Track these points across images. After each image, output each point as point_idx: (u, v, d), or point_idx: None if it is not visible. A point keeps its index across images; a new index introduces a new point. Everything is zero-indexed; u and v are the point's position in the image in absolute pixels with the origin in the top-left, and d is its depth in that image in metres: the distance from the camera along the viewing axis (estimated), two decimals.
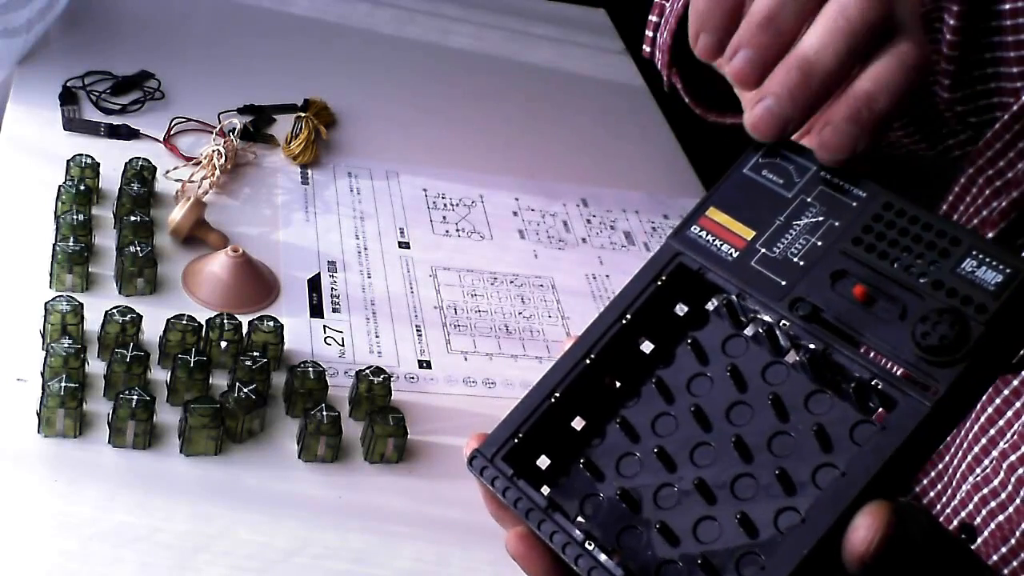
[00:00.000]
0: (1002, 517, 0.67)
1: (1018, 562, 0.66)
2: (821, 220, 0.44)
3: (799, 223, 0.45)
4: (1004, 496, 0.68)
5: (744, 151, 0.47)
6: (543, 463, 0.46)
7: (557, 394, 0.45)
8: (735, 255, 0.45)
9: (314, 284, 0.85)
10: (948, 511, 0.72)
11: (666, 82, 0.79)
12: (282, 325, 0.76)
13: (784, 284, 0.44)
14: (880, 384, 0.41)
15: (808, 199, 0.45)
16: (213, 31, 1.12)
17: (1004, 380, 0.70)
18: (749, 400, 0.44)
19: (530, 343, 0.85)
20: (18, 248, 0.80)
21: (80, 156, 0.86)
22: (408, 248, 0.91)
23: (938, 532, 0.43)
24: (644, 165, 1.10)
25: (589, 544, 0.42)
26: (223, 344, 0.74)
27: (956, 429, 0.74)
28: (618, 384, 0.46)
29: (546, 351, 0.84)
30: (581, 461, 0.44)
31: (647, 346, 0.46)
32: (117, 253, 0.80)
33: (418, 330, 0.83)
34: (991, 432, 0.69)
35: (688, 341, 0.45)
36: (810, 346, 0.43)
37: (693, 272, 0.46)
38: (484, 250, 0.93)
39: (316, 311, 0.82)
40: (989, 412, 0.70)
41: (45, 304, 0.72)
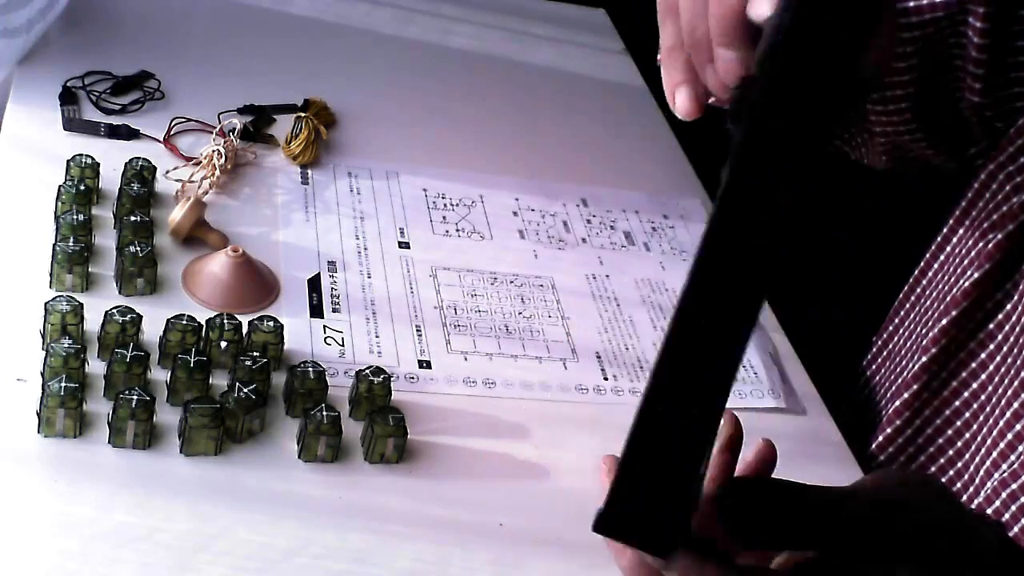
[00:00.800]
0: None
1: None
2: None
3: None
4: None
5: None
6: None
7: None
8: None
9: (314, 284, 0.85)
10: (972, 507, 0.71)
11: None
12: (282, 325, 0.76)
13: None
14: None
15: None
16: (213, 31, 1.12)
17: None
18: None
19: (530, 343, 0.85)
20: (18, 248, 0.80)
21: (80, 156, 0.86)
22: (408, 248, 0.91)
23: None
24: (644, 165, 1.10)
25: None
26: (223, 344, 0.74)
27: (978, 427, 0.74)
28: None
29: (546, 351, 0.84)
30: None
31: None
32: (117, 253, 0.80)
33: (418, 330, 0.83)
34: (1017, 428, 0.69)
35: None
36: None
37: None
38: (484, 250, 0.93)
39: (316, 311, 0.82)
40: (1015, 407, 0.70)
41: (45, 304, 0.72)
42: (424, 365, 0.80)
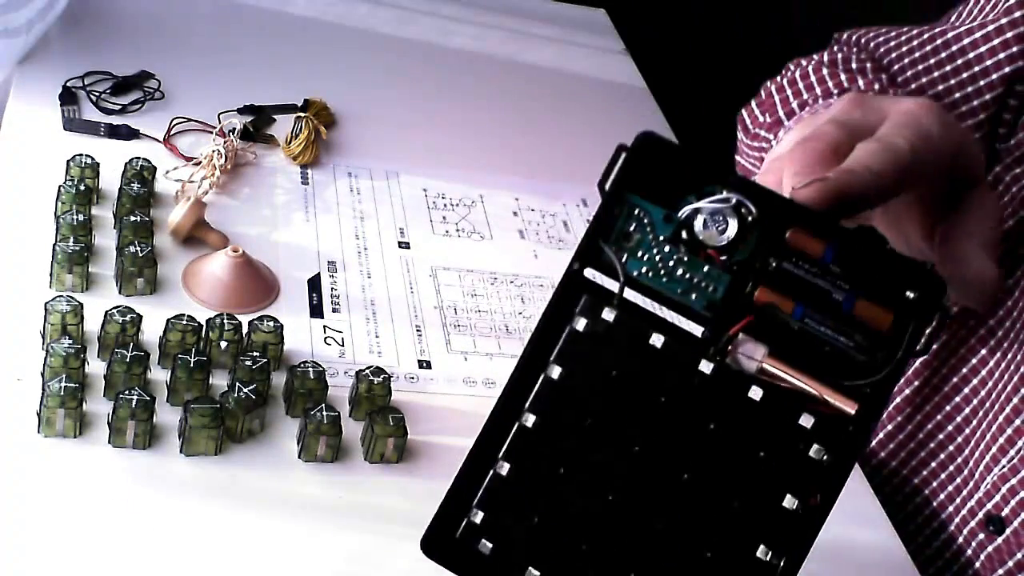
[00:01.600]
0: None
1: None
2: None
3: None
4: None
5: None
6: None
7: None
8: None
9: (314, 284, 0.85)
10: (972, 503, 0.72)
11: None
12: (282, 325, 0.76)
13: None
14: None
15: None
16: (213, 31, 1.12)
17: None
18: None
19: None
20: (18, 248, 0.79)
21: (80, 156, 0.86)
22: (408, 248, 0.91)
23: None
24: None
25: None
26: (223, 344, 0.74)
27: (977, 423, 0.74)
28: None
29: None
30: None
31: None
32: (117, 253, 0.80)
33: (418, 330, 0.83)
34: (1016, 423, 0.69)
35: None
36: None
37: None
38: (484, 250, 0.93)
39: (316, 311, 0.82)
40: (1015, 402, 0.70)
41: (45, 304, 0.72)
42: (424, 365, 0.80)
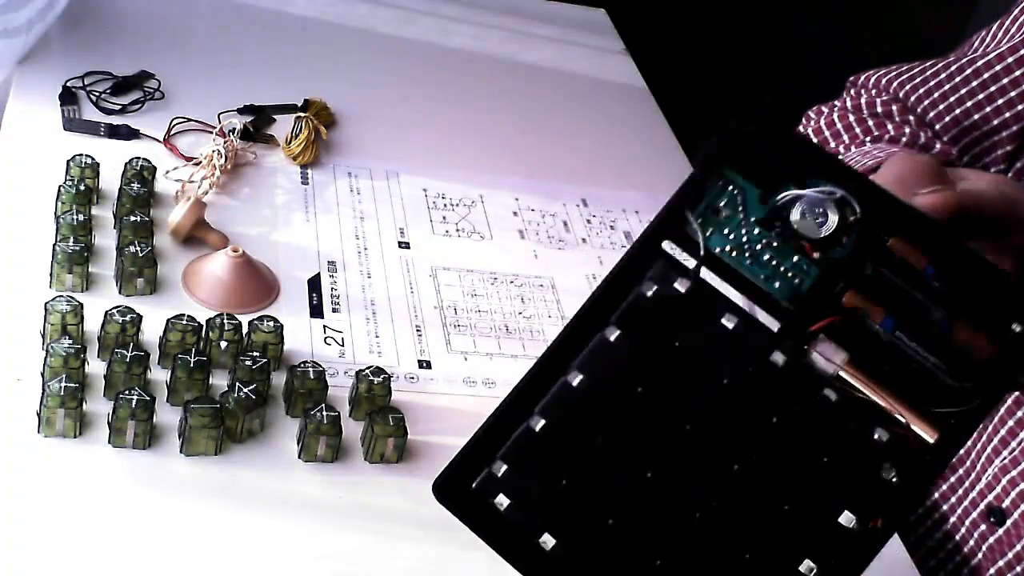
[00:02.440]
0: None
1: None
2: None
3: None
4: None
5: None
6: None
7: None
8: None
9: (314, 284, 0.85)
10: (974, 494, 0.72)
11: None
12: (282, 325, 0.76)
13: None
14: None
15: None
16: (213, 31, 1.12)
17: None
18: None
19: (530, 343, 0.85)
20: (18, 248, 0.79)
21: (80, 156, 0.86)
22: (408, 248, 0.91)
23: None
24: (644, 165, 1.10)
25: None
26: (223, 344, 0.74)
27: None
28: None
29: None
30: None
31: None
32: (117, 253, 0.80)
33: (418, 330, 0.83)
34: (1018, 414, 0.69)
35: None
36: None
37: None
38: (484, 250, 0.93)
39: (316, 311, 0.82)
40: (1016, 394, 0.70)
41: (45, 304, 0.72)
42: (424, 365, 0.80)
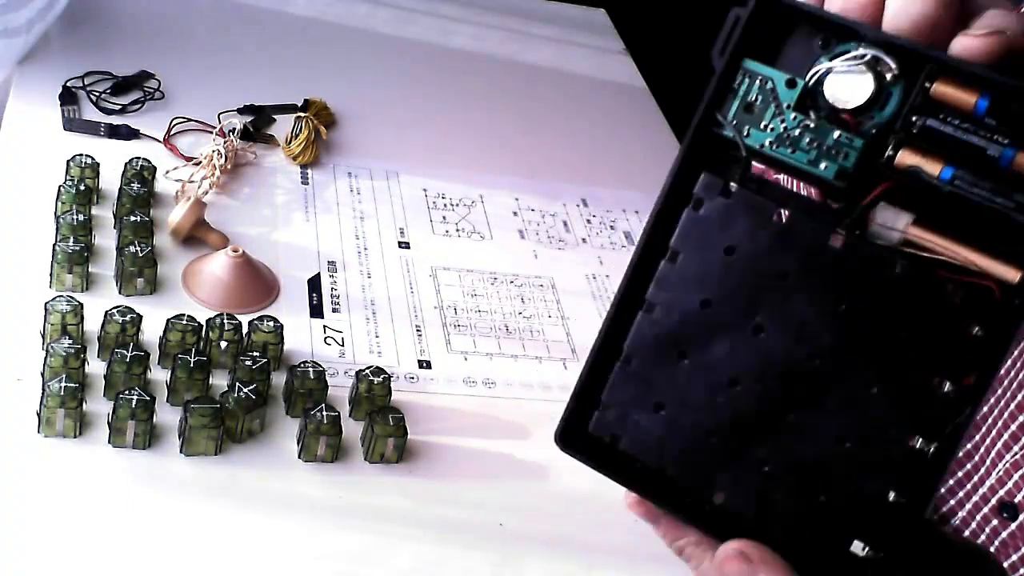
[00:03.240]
0: None
1: None
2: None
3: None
4: None
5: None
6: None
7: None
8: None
9: (314, 284, 0.85)
10: (984, 489, 0.72)
11: None
12: (282, 325, 0.76)
13: None
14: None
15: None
16: (213, 31, 1.12)
17: None
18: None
19: (530, 343, 0.85)
20: (18, 248, 0.79)
21: (80, 156, 0.86)
22: (408, 248, 0.91)
23: None
24: (644, 165, 1.10)
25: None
26: (223, 344, 0.74)
27: (988, 409, 0.74)
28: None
29: (546, 351, 0.84)
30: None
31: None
32: (117, 253, 0.80)
33: (418, 330, 0.83)
34: None
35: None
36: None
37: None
38: (484, 250, 0.93)
39: (316, 311, 0.82)
40: None
41: (45, 304, 0.72)
42: (424, 365, 0.80)
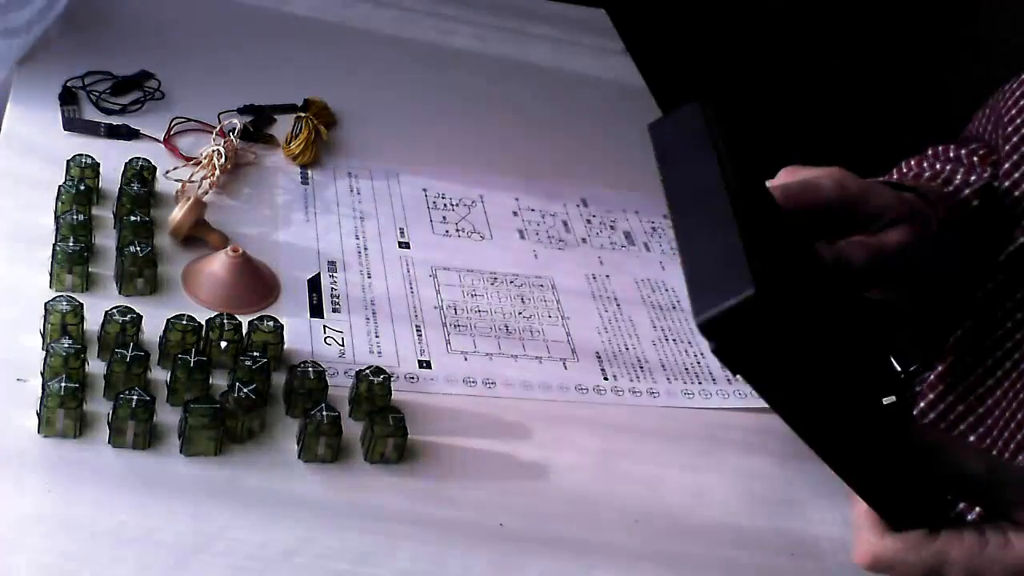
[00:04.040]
0: None
1: None
2: None
3: None
4: None
5: None
6: None
7: None
8: None
9: (314, 284, 0.85)
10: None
11: None
12: (282, 325, 0.76)
13: None
14: None
15: None
16: (213, 31, 1.12)
17: None
18: None
19: (530, 343, 0.85)
20: (18, 248, 0.80)
21: (80, 156, 0.86)
22: (408, 248, 0.91)
23: None
24: (644, 165, 1.10)
25: None
26: (223, 344, 0.74)
27: (1002, 393, 0.74)
28: None
29: (546, 351, 0.84)
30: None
31: None
32: (117, 253, 0.80)
33: (418, 330, 0.83)
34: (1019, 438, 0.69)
35: None
36: None
37: None
38: (484, 250, 0.93)
39: (316, 311, 0.82)
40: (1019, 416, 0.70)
41: (45, 304, 0.72)
42: (424, 365, 0.80)
